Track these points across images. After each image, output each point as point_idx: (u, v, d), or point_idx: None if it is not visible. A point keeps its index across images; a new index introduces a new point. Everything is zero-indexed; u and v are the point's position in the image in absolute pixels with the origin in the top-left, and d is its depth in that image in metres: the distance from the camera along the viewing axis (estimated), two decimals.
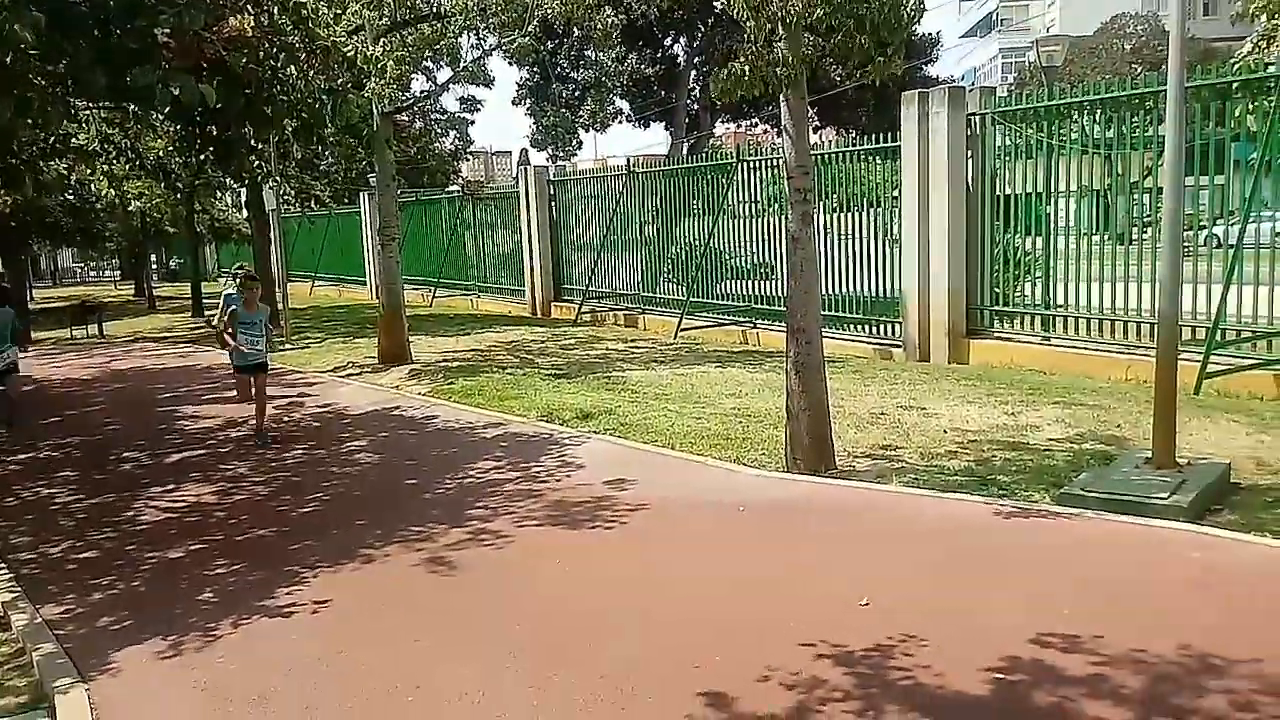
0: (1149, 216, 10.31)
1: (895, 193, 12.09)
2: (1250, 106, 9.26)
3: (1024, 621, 4.21)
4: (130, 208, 22.24)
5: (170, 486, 7.87)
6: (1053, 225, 10.98)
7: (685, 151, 28.05)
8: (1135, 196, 10.59)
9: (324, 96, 8.22)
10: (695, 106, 32.49)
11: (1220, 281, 8.90)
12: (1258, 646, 3.84)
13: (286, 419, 10.18)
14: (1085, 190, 10.83)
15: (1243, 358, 8.90)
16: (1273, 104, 8.66)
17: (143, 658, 4.68)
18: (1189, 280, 9.15)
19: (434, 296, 23.09)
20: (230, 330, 9.24)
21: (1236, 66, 10.19)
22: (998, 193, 11.11)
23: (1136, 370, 9.31)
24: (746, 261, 14.90)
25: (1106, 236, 10.82)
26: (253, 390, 9.33)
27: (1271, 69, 8.94)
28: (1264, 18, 14.53)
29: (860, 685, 3.79)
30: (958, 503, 6.08)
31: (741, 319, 14.55)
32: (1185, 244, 9.68)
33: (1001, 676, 3.78)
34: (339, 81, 8.62)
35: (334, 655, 4.50)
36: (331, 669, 4.36)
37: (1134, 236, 10.39)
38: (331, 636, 4.73)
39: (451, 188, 24.15)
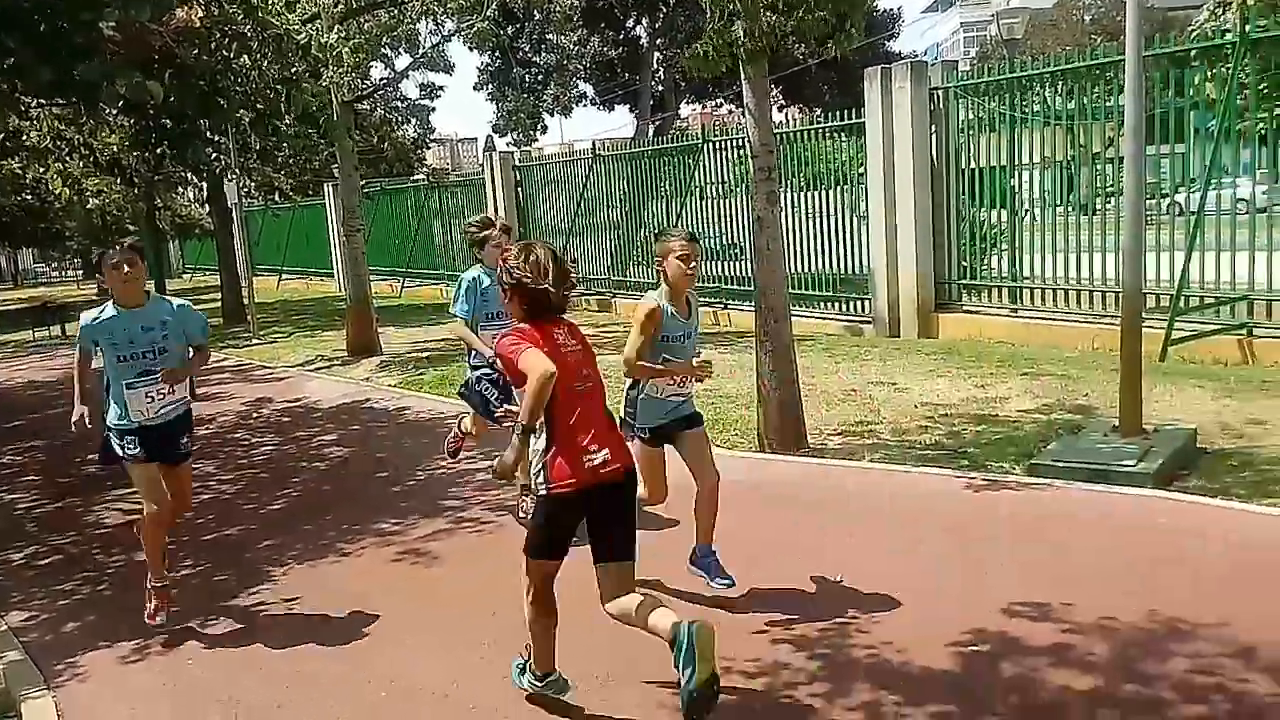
0: (1112, 187, 10.37)
1: (861, 169, 12.09)
2: (1208, 74, 9.33)
3: (993, 593, 4.23)
4: (89, 206, 21.85)
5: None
6: (1018, 198, 11.03)
7: (651, 133, 27.92)
8: (1098, 167, 10.65)
9: (278, 86, 8.09)
10: (659, 88, 32.34)
11: (1183, 249, 8.97)
12: (1224, 610, 3.88)
13: (255, 415, 10.06)
14: (1049, 162, 10.88)
15: (1206, 323, 8.99)
16: (1230, 71, 8.71)
17: (109, 662, 4.61)
18: (1152, 249, 9.26)
19: (403, 286, 22.88)
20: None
21: (1194, 35, 10.26)
22: (962, 167, 11.14)
23: (1103, 339, 9.38)
24: (716, 243, 14.87)
25: (1071, 208, 10.89)
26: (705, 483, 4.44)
27: (1228, 36, 8.99)
28: None
29: (826, 664, 3.80)
30: (930, 477, 6.10)
31: (713, 300, 14.52)
32: (1148, 213, 9.78)
33: (970, 649, 3.79)
34: (293, 70, 8.47)
35: (305, 654, 4.44)
36: (303, 668, 4.31)
37: (1098, 207, 10.46)
38: (302, 635, 4.67)
39: (417, 176, 23.89)
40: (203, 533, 6.45)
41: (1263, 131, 9.34)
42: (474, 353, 5.54)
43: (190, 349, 4.90)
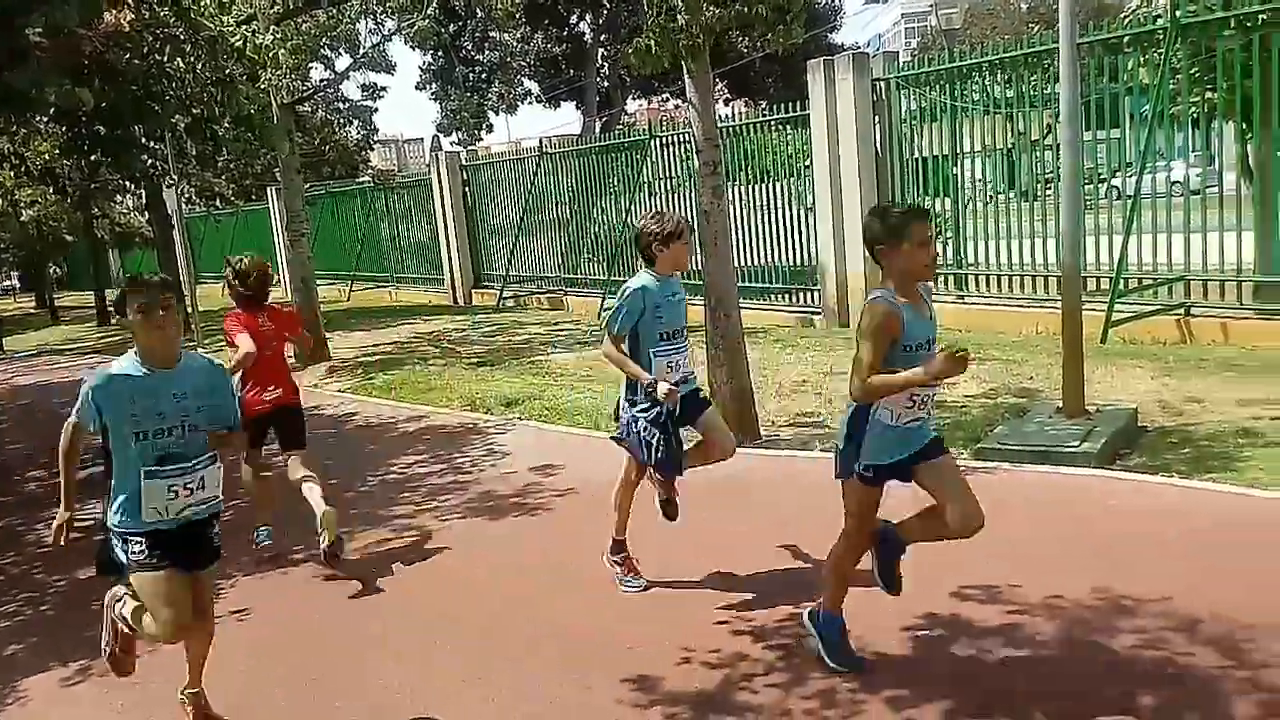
0: (1051, 173, 10.55)
1: (807, 161, 12.18)
2: (1141, 60, 9.53)
3: (944, 577, 4.28)
4: (23, 218, 21.24)
5: (75, 505, 7.54)
6: (961, 185, 11.18)
7: (598, 130, 27.87)
8: (1038, 154, 10.82)
9: (214, 89, 7.92)
10: (605, 84, 32.28)
11: (1121, 232, 9.15)
12: (1166, 584, 3.97)
13: None
14: (990, 150, 11.04)
15: (1145, 305, 9.19)
16: (1162, 57, 8.90)
17: (53, 684, 4.49)
18: (1091, 233, 9.44)
19: (351, 290, 22.61)
20: None
21: (1126, 21, 10.46)
22: (906, 156, 11.26)
23: (1046, 323, 9.54)
24: None
25: (1013, 194, 11.06)
26: None
27: (1160, 22, 9.18)
28: None
29: (783, 654, 3.82)
30: None
31: None
32: (1086, 198, 9.97)
33: (922, 633, 3.84)
34: (229, 73, 8.30)
35: (254, 669, 4.37)
36: (252, 683, 4.23)
37: (1038, 193, 10.63)
38: (254, 646, 4.59)
39: (362, 178, 23.58)
40: None
41: (1195, 115, 9.57)
42: (630, 382, 4.41)
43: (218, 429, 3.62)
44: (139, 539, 3.49)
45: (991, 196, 11.16)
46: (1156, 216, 9.20)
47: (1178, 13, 8.83)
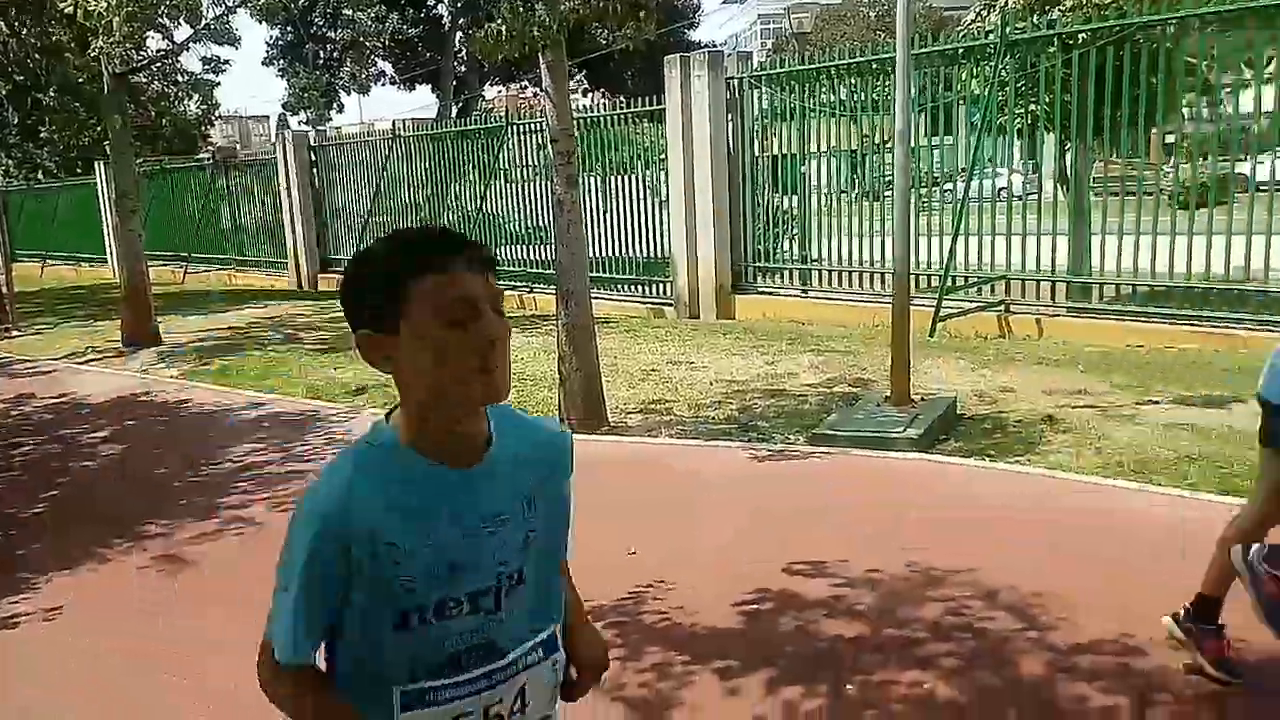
0: (891, 175, 11.09)
1: (662, 155, 12.37)
2: (974, 72, 10.14)
3: (776, 554, 4.48)
4: None
5: None
6: (809, 184, 11.61)
7: (454, 115, 27.42)
8: (880, 156, 11.35)
9: (39, 56, 7.40)
10: (462, 69, 31.80)
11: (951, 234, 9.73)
12: (970, 557, 4.28)
13: (13, 413, 9.21)
14: (837, 151, 11.50)
15: (970, 302, 9.80)
16: (992, 70, 9.49)
17: None
18: (924, 233, 9.98)
19: (186, 272, 21.49)
20: None
21: (961, 34, 11.10)
22: (758, 154, 11.60)
23: (882, 317, 9.96)
24: (521, 226, 14.82)
25: (857, 194, 11.57)
26: None
27: (991, 37, 9.77)
28: None
29: (619, 632, 3.91)
30: (721, 449, 6.37)
31: (518, 283, 14.47)
32: (925, 200, 10.55)
33: (753, 607, 4.02)
34: (55, 39, 7.77)
35: (65, 667, 4.15)
36: (62, 683, 4.02)
37: (880, 194, 11.16)
38: (62, 647, 4.36)
39: (201, 155, 22.45)
40: None
41: (1020, 126, 10.25)
42: None
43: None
44: None
45: (835, 195, 11.64)
46: (983, 219, 9.81)
47: (1007, 30, 9.44)
